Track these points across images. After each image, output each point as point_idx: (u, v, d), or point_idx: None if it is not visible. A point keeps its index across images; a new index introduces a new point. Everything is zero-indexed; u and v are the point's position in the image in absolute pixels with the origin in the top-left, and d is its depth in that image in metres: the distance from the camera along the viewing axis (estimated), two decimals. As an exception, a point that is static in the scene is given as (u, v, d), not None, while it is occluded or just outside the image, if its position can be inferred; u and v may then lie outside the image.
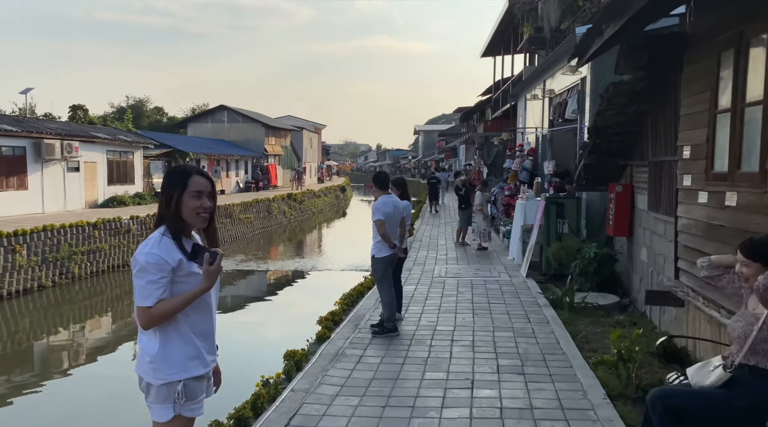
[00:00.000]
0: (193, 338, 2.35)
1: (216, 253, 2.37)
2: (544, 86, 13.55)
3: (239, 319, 12.39)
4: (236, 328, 11.36)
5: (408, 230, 6.86)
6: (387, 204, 6.21)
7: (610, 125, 7.39)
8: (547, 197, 9.50)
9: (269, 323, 12.02)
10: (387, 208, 6.18)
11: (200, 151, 31.85)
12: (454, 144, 51.50)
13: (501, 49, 26.17)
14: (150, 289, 2.24)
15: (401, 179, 6.97)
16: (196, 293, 2.32)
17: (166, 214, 2.36)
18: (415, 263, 11.05)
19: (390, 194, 6.42)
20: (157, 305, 2.25)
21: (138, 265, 2.27)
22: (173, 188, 2.36)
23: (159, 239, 2.31)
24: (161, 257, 2.27)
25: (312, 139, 54.22)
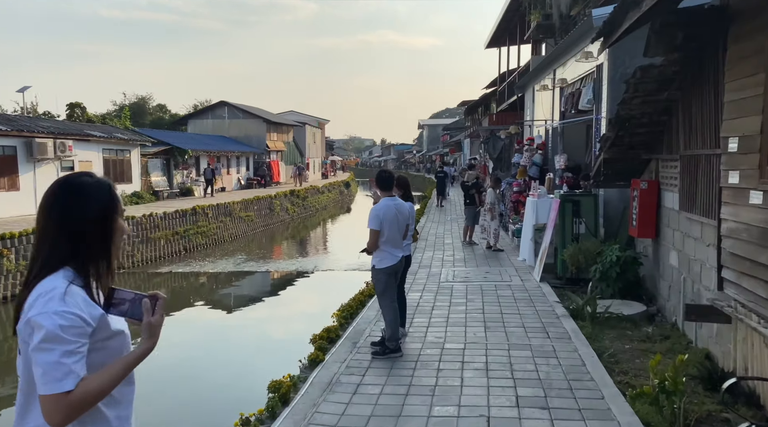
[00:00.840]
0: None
1: (156, 297, 1.67)
2: (554, 76, 12.79)
3: (228, 333, 11.73)
4: (223, 344, 10.70)
5: (411, 234, 6.17)
6: (389, 209, 5.50)
7: (635, 116, 6.65)
8: (562, 195, 8.78)
9: (260, 339, 11.33)
10: (388, 214, 5.48)
11: (199, 148, 31.20)
12: (458, 138, 50.77)
13: (506, 40, 25.35)
14: (67, 365, 1.50)
15: (404, 178, 6.25)
16: (139, 357, 1.62)
17: (90, 248, 1.63)
18: (421, 266, 10.35)
19: (393, 196, 5.70)
20: (80, 385, 1.51)
21: (43, 332, 1.51)
22: (102, 208, 1.65)
23: (65, 289, 1.56)
24: (79, 315, 1.54)
25: (315, 135, 53.51)
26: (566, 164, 12.35)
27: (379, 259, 5.51)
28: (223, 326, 12.17)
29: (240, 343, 10.56)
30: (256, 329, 11.71)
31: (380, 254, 5.49)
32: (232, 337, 11.06)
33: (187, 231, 21.88)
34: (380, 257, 5.50)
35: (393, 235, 5.53)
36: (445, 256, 11.52)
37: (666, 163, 6.92)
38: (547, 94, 13.51)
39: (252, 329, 11.79)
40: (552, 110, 12.93)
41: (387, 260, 5.50)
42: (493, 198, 12.17)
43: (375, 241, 5.42)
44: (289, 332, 11.08)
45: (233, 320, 12.62)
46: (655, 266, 7.35)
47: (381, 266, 5.51)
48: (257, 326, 12.05)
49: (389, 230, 5.48)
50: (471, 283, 8.77)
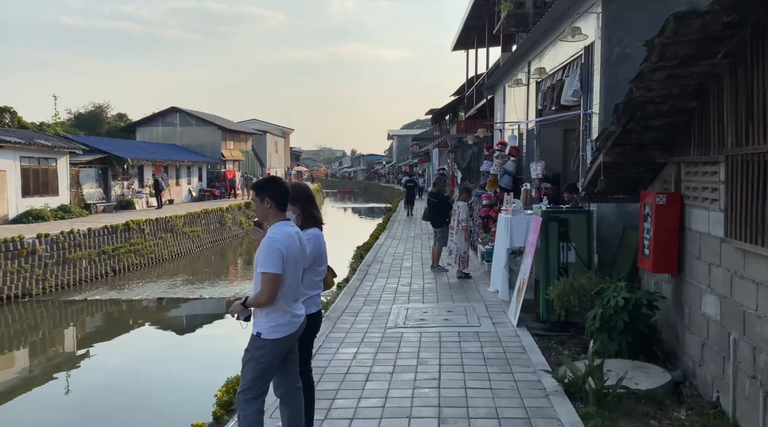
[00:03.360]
0: None
1: None
2: (528, 69, 10.83)
3: (107, 387, 9.26)
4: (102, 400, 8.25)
5: (327, 277, 3.94)
6: (291, 240, 3.32)
7: (653, 99, 4.61)
8: (544, 211, 6.71)
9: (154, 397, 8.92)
10: (292, 249, 3.29)
11: (142, 157, 28.47)
12: (427, 148, 49.16)
13: (474, 41, 23.55)
14: None
15: (303, 190, 3.95)
16: None
17: None
18: (367, 301, 8.14)
19: (288, 220, 3.48)
20: None
21: None
22: None
23: None
24: None
25: (278, 144, 51.06)
26: (544, 173, 10.36)
27: (270, 323, 3.27)
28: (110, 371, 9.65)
29: (124, 400, 8.11)
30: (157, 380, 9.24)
31: (272, 314, 3.27)
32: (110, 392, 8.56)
33: (116, 250, 19.23)
34: (271, 320, 3.27)
35: (293, 282, 3.32)
36: (401, 285, 9.33)
37: (694, 168, 4.89)
38: (520, 91, 11.54)
39: (152, 379, 9.30)
40: (527, 109, 10.96)
41: (282, 327, 3.27)
42: (467, 214, 10.04)
43: (274, 292, 3.20)
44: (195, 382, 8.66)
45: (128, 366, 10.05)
46: (676, 312, 5.30)
47: (272, 336, 3.27)
48: (160, 375, 9.55)
49: (292, 275, 3.28)
50: (427, 329, 6.59)
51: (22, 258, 15.17)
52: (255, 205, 3.41)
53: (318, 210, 3.93)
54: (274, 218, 3.35)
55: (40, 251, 15.77)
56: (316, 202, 3.94)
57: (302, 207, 3.83)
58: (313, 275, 3.77)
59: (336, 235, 29.29)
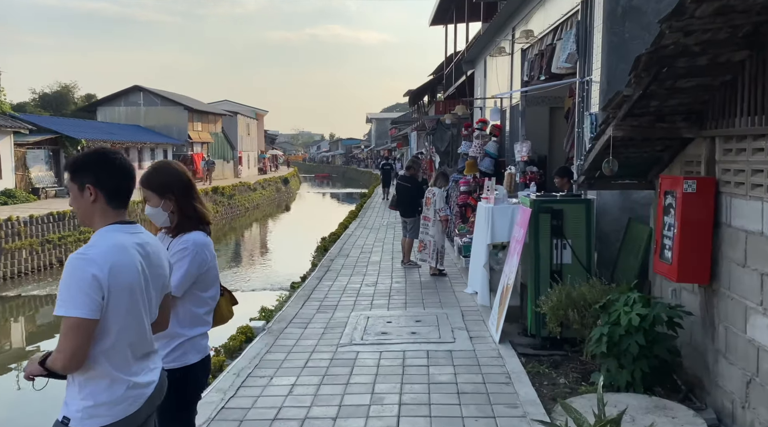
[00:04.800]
0: None
1: None
2: (513, 35, 9.51)
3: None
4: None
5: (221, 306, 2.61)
6: (120, 254, 1.90)
7: (689, 47, 3.34)
8: (535, 200, 5.44)
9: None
10: (121, 272, 1.87)
11: (98, 138, 26.57)
12: (405, 132, 47.83)
13: (453, 14, 22.13)
14: None
15: (174, 171, 2.55)
16: None
17: None
18: (322, 307, 6.83)
19: (130, 224, 2.07)
20: None
21: None
22: None
23: None
24: None
25: (250, 126, 49.07)
26: (529, 155, 9.13)
27: (85, 402, 1.89)
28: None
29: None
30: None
31: (89, 385, 1.90)
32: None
33: (63, 239, 17.59)
34: (87, 397, 1.90)
35: (130, 330, 1.95)
36: (365, 285, 8.03)
37: (739, 144, 3.65)
38: (503, 62, 10.23)
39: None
40: (510, 82, 9.66)
41: (108, 408, 1.89)
42: (444, 202, 8.75)
43: (79, 350, 1.82)
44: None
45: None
46: (705, 332, 4.10)
47: (87, 424, 1.89)
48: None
49: (127, 318, 1.93)
50: (389, 347, 5.31)
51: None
52: (71, 199, 2.06)
53: (203, 203, 2.58)
54: (101, 220, 2.00)
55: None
56: (198, 192, 2.59)
57: (178, 200, 2.48)
58: (194, 305, 2.45)
59: (309, 222, 27.96)
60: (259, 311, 6.36)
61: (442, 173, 9.56)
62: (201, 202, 2.55)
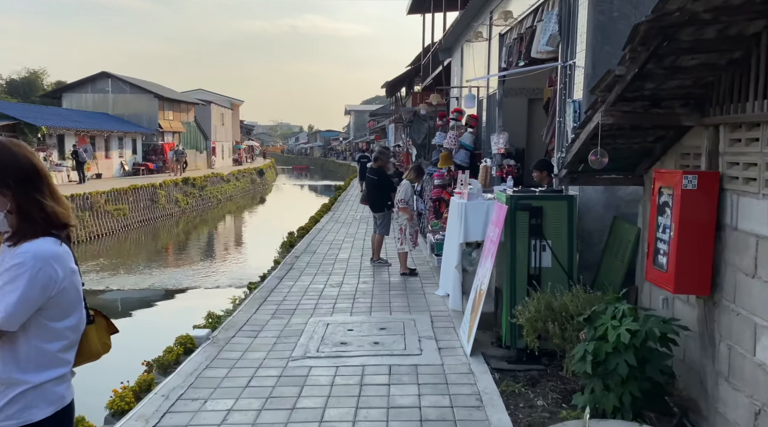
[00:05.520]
0: None
1: None
2: (490, 19, 8.92)
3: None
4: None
5: (89, 337, 1.98)
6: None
7: (698, 15, 2.76)
8: (512, 196, 4.86)
9: None
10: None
11: (61, 125, 25.37)
12: (384, 124, 47.19)
13: (431, 2, 21.48)
14: None
15: (12, 153, 1.91)
16: None
17: None
18: (278, 311, 6.18)
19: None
20: None
21: None
22: None
23: None
24: None
25: (224, 115, 47.85)
26: (506, 148, 8.58)
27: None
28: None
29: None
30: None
31: None
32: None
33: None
34: None
35: None
36: (329, 286, 7.40)
37: (749, 132, 3.11)
38: (480, 48, 9.65)
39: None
40: (488, 69, 9.08)
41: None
42: (409, 194, 8.22)
43: None
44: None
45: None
46: (704, 350, 3.57)
47: None
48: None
49: None
50: (347, 361, 4.70)
51: None
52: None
53: (59, 198, 1.90)
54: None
55: None
56: (51, 184, 1.91)
57: (16, 195, 1.80)
58: (43, 340, 1.80)
59: (283, 214, 27.17)
60: (206, 316, 5.69)
61: (417, 167, 9.00)
62: (56, 198, 1.88)
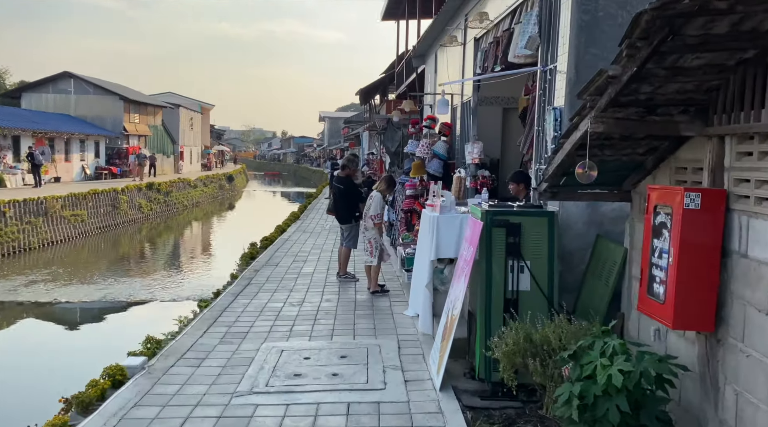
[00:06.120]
0: None
1: None
2: (465, 23, 8.50)
3: None
4: None
5: None
6: None
7: (711, 2, 2.31)
8: (488, 211, 4.37)
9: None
10: None
11: (17, 126, 24.16)
12: (358, 131, 46.77)
13: (405, 9, 21.12)
14: None
15: None
16: None
17: None
18: (227, 336, 5.56)
19: None
20: None
21: None
22: None
23: None
24: None
25: (193, 119, 46.72)
26: (481, 158, 8.13)
27: None
28: None
29: None
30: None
31: None
32: None
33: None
34: None
35: None
36: (288, 305, 6.80)
37: (761, 145, 2.68)
38: (454, 53, 9.22)
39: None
40: (462, 74, 8.64)
41: None
42: (379, 208, 7.67)
43: None
44: None
45: None
46: (705, 394, 3.11)
47: None
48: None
49: None
50: (299, 398, 4.11)
51: None
52: None
53: None
54: None
55: None
56: None
57: None
58: None
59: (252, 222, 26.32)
60: (144, 341, 5.03)
61: (389, 177, 8.46)
62: None
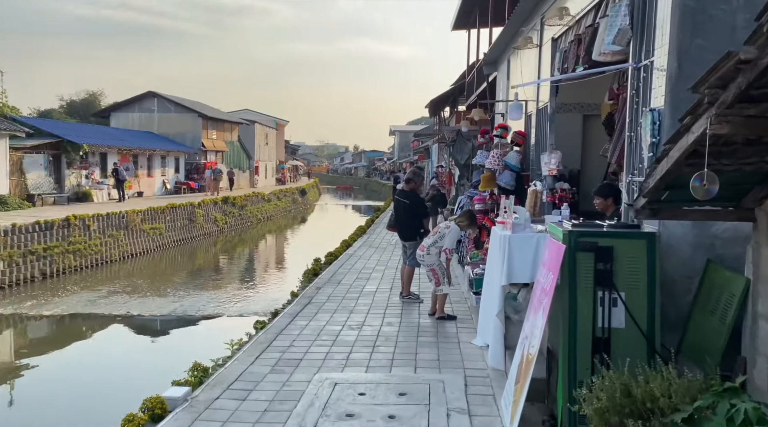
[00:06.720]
0: None
1: None
2: (542, 23, 7.80)
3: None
4: None
5: None
6: None
7: None
8: (572, 232, 3.70)
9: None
10: None
11: (103, 144, 25.53)
12: (427, 144, 46.37)
13: (476, 17, 20.49)
14: None
15: None
16: None
17: None
18: (279, 363, 5.15)
19: None
20: None
21: None
22: None
23: None
24: None
25: (268, 135, 48.03)
26: (559, 169, 7.37)
27: None
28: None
29: None
30: None
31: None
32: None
33: (49, 250, 16.34)
34: None
35: None
36: (347, 329, 6.33)
37: None
38: (529, 55, 8.52)
39: None
40: (538, 77, 7.93)
41: None
42: (455, 242, 6.97)
43: None
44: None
45: None
46: None
47: None
48: None
49: None
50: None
51: None
52: None
53: None
54: None
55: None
56: None
57: None
58: None
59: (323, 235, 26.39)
60: (191, 369, 4.72)
61: (472, 214, 7.58)
62: None
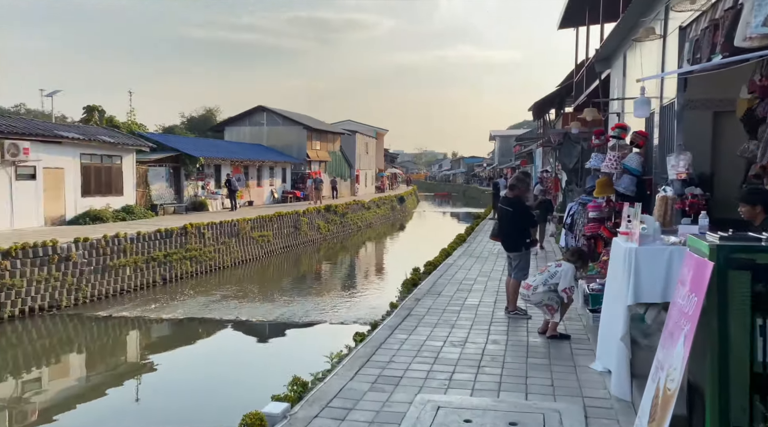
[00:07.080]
0: None
1: None
2: (666, 10, 7.00)
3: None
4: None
5: None
6: None
7: None
8: (721, 247, 3.11)
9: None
10: None
11: (218, 156, 27.15)
12: (530, 148, 44.72)
13: (586, 14, 19.30)
14: None
15: None
16: None
17: None
18: (378, 380, 4.92)
19: None
20: None
21: None
22: None
23: None
24: None
25: (368, 144, 48.85)
26: (688, 172, 6.54)
27: None
28: None
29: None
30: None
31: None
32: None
33: (168, 256, 17.56)
34: None
35: None
36: (449, 345, 5.98)
37: None
38: (651, 48, 7.70)
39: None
40: (662, 70, 7.11)
41: None
42: (571, 279, 6.31)
43: None
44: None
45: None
46: None
47: None
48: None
49: None
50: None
51: (53, 265, 13.64)
52: None
53: None
54: None
55: (75, 257, 14.21)
56: None
57: None
58: None
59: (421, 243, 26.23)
60: (290, 383, 4.61)
61: (580, 251, 6.83)
62: None
